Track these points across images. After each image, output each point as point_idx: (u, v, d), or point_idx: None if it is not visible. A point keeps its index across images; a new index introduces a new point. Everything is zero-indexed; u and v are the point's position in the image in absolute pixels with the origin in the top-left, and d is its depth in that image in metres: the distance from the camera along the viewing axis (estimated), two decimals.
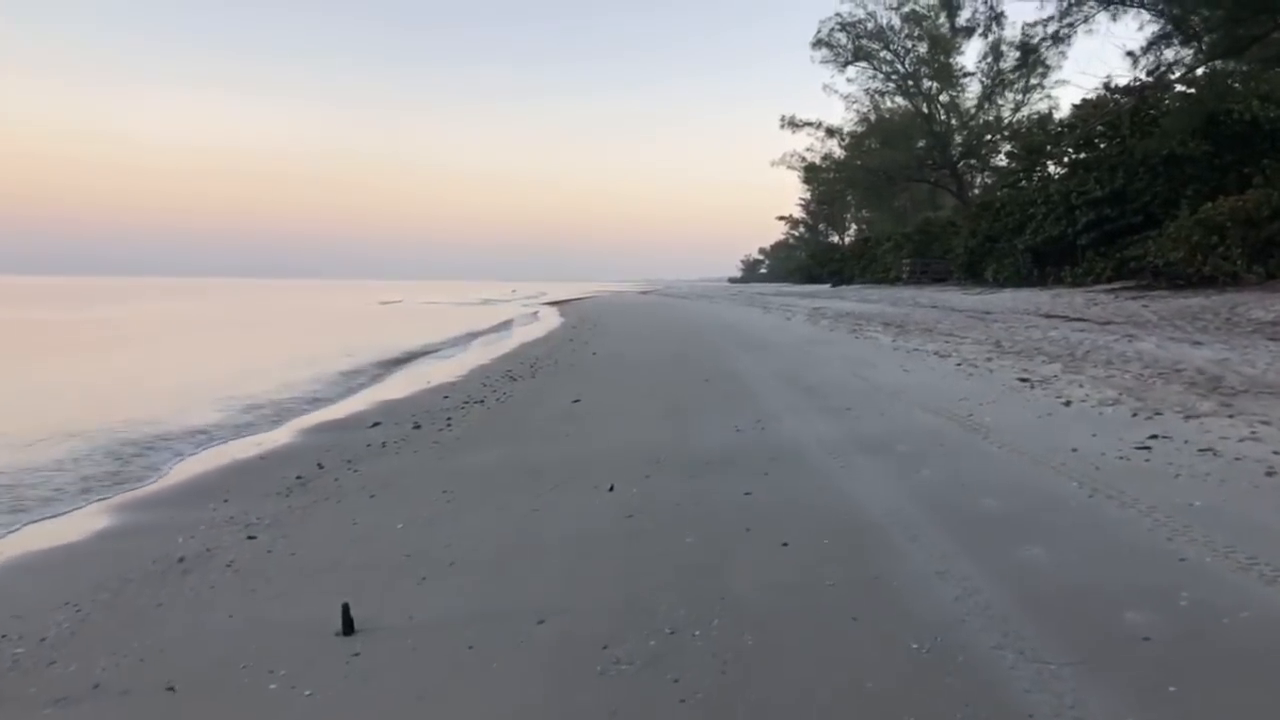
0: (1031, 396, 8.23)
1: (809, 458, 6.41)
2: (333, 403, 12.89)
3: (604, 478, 6.14)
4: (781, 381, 10.94)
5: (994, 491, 5.05)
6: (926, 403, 8.34)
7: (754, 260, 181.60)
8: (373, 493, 6.39)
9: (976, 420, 7.22)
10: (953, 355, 11.92)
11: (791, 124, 52.22)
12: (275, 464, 7.99)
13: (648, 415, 9.02)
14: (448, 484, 6.45)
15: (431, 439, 8.62)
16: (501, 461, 7.11)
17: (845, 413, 8.15)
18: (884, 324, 19.24)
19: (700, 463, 6.48)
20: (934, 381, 9.76)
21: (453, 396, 12.22)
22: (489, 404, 10.99)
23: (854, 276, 60.93)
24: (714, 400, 9.75)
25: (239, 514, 6.00)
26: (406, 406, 11.58)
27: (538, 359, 17.44)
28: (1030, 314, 19.96)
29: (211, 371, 17.80)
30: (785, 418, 8.17)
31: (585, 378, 13.35)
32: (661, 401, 9.98)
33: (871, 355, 13.17)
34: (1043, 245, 30.80)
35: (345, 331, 33.82)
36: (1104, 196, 27.62)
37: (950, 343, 13.76)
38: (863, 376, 10.62)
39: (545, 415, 9.55)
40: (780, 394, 9.85)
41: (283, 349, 24.48)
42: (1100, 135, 29.18)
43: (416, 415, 10.57)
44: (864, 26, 49.70)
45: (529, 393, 11.89)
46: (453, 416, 10.05)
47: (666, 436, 7.68)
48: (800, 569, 4.02)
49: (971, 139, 50.42)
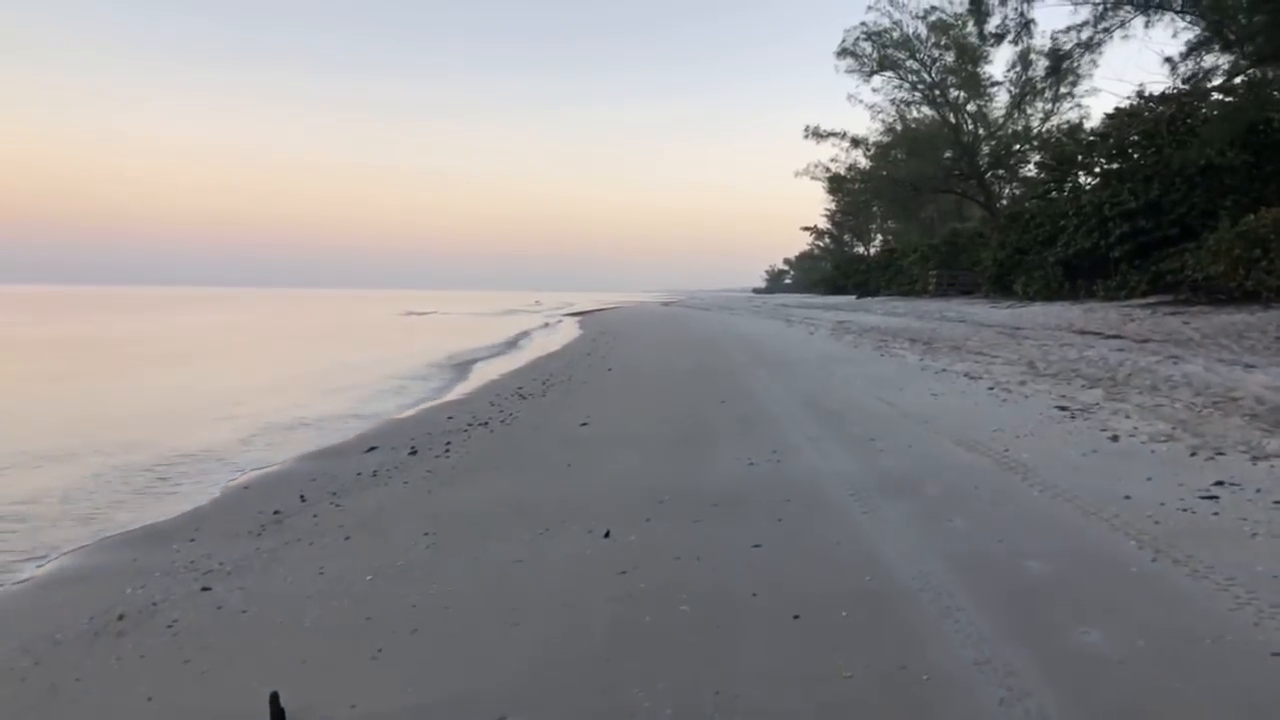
0: (1073, 429, 7.54)
1: (828, 499, 5.79)
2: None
3: (601, 520, 5.57)
4: (801, 404, 10.32)
5: (1038, 550, 4.41)
6: (957, 433, 7.69)
7: (778, 271, 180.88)
8: (349, 533, 5.84)
9: (1013, 456, 6.56)
10: (984, 377, 11.23)
11: (816, 134, 51.49)
12: (257, 496, 7.47)
13: (657, 442, 8.44)
14: (431, 524, 5.89)
15: (425, 467, 8.08)
16: (493, 497, 6.55)
17: (868, 444, 7.52)
18: (910, 340, 18.53)
19: (708, 503, 5.89)
20: (965, 408, 9.10)
21: (457, 417, 11.70)
22: (493, 426, 10.45)
23: (879, 288, 60.10)
24: (729, 425, 9.16)
25: (201, 558, 5.47)
26: (409, 427, 11.07)
27: (552, 374, 16.91)
28: (1063, 330, 19.18)
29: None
30: (803, 449, 7.55)
31: (597, 396, 12.79)
32: (673, 426, 9.40)
33: (897, 376, 12.50)
34: (1074, 258, 29.92)
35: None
36: (1139, 208, 26.74)
37: (981, 362, 13.05)
38: (888, 400, 9.97)
39: (549, 440, 9.00)
40: (799, 419, 9.23)
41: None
42: (1135, 145, 28.30)
43: (416, 438, 10.05)
44: (890, 36, 48.96)
45: (536, 413, 11.34)
46: (453, 441, 9.52)
47: (675, 469, 7.10)
48: (812, 652, 3.41)
49: (1000, 149, 49.43)
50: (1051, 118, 46.79)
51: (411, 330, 43.84)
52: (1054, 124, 46.46)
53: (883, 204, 60.37)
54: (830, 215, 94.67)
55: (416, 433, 10.45)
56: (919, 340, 18.25)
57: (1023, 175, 51.50)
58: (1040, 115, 47.35)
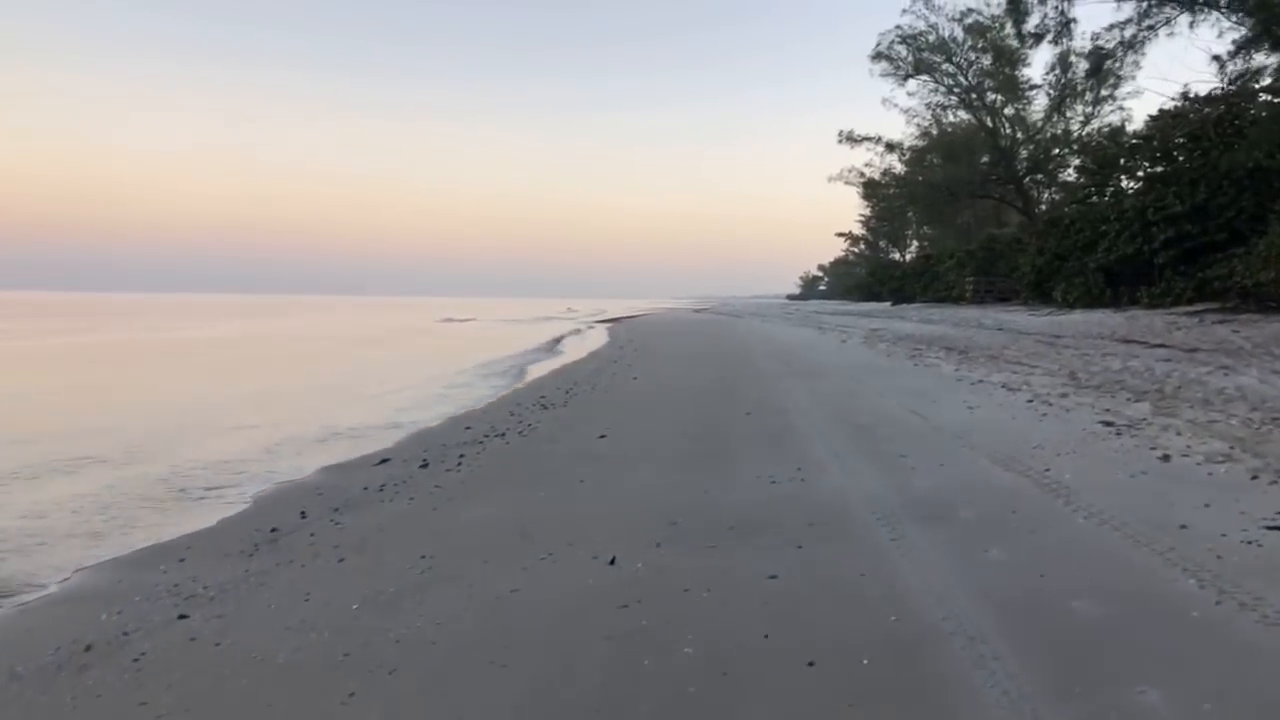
0: (1119, 446, 7.04)
1: (853, 524, 5.38)
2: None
3: (608, 544, 5.21)
4: (829, 417, 9.88)
5: (1085, 587, 3.98)
6: (994, 450, 7.22)
7: (813, 277, 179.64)
8: (343, 555, 5.53)
9: (1055, 477, 6.09)
10: (1022, 389, 10.71)
11: (850, 139, 50.92)
12: (256, 514, 7.19)
13: (676, 457, 8.06)
14: (430, 545, 5.57)
15: (434, 482, 7.76)
16: (499, 516, 6.21)
17: (899, 461, 7.08)
18: (946, 349, 17.97)
19: (724, 526, 5.50)
20: (1002, 422, 8.61)
21: (475, 427, 11.40)
22: (509, 438, 10.13)
23: (915, 295, 59.22)
24: (753, 439, 8.75)
25: (186, 581, 5.18)
26: (428, 438, 10.78)
27: (576, 383, 16.60)
28: (1105, 339, 18.53)
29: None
30: (830, 466, 7.14)
31: (619, 407, 12.44)
32: (694, 439, 9.02)
33: (932, 387, 12.01)
34: (1116, 264, 29.09)
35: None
36: (1184, 212, 25.90)
37: (1019, 373, 12.52)
38: (921, 414, 9.50)
39: (565, 454, 8.65)
40: (827, 433, 8.81)
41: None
42: (1180, 147, 27.45)
43: (429, 450, 9.77)
44: (925, 39, 48.31)
45: (555, 424, 11.00)
46: (466, 454, 9.21)
47: (692, 487, 6.71)
48: (827, 708, 3.02)
49: (1038, 153, 48.53)
50: (1092, 121, 45.91)
51: (452, 337, 43.80)
52: (1094, 127, 45.54)
53: (918, 209, 59.47)
54: (865, 221, 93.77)
55: (431, 444, 10.16)
56: (954, 349, 17.69)
57: (1062, 180, 50.56)
58: (1080, 118, 46.48)
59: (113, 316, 70.85)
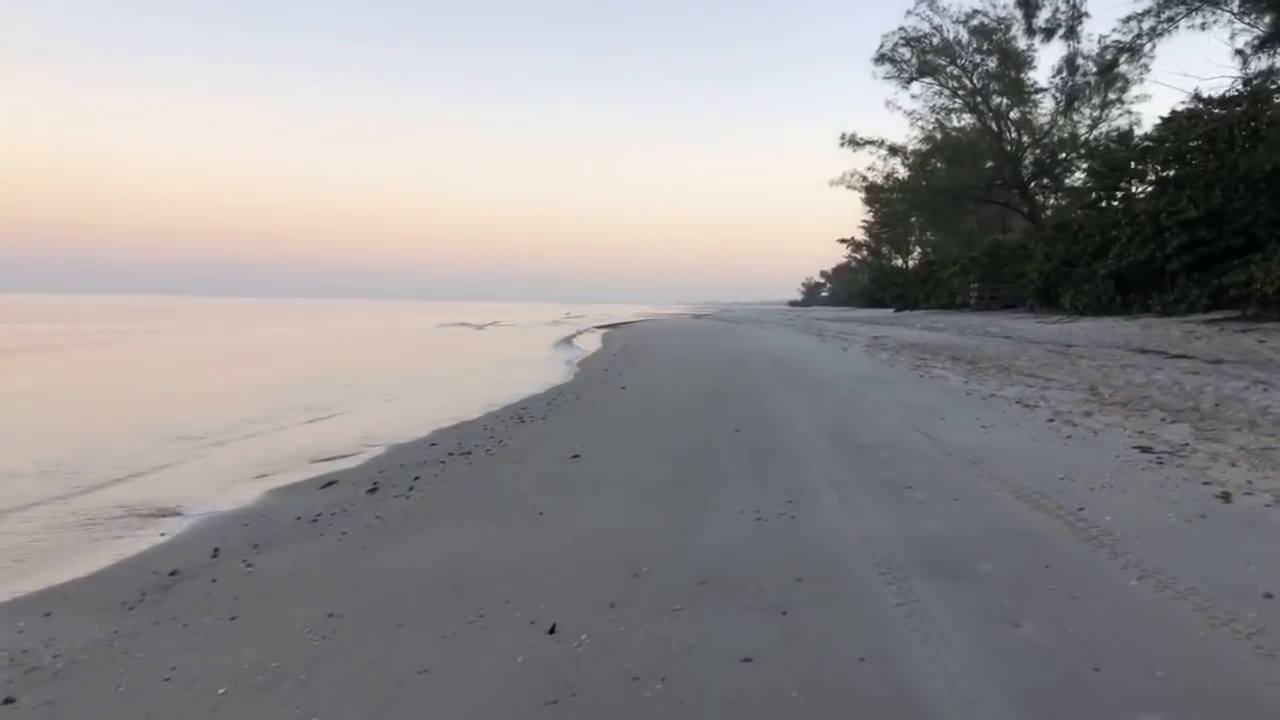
0: (1165, 480, 6.04)
1: (851, 579, 4.43)
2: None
3: (553, 602, 4.29)
4: (827, 436, 8.94)
5: (1154, 689, 3.02)
6: (1015, 481, 6.26)
7: (815, 283, 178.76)
8: (238, 611, 4.60)
9: (1093, 520, 5.12)
10: (1040, 405, 9.74)
11: (852, 142, 49.86)
12: (166, 551, 6.25)
13: (654, 482, 7.12)
14: (344, 599, 4.64)
15: (376, 512, 6.83)
16: (435, 560, 5.27)
17: (905, 494, 6.13)
18: (952, 359, 17.01)
19: (695, 579, 4.56)
20: (1021, 446, 7.65)
21: (442, 443, 10.49)
22: (475, 457, 9.21)
23: (918, 301, 58.33)
24: (741, 462, 7.81)
25: (38, 646, 4.25)
26: (387, 458, 9.86)
27: (560, 393, 15.69)
28: (1120, 348, 17.57)
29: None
30: (825, 497, 6.19)
31: (602, 421, 11.51)
32: (677, 461, 8.09)
33: (939, 401, 11.05)
34: (1126, 270, 28.16)
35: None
36: (1199, 217, 24.97)
37: (1035, 386, 11.55)
38: (929, 433, 8.55)
39: (530, 478, 7.71)
40: (823, 456, 7.86)
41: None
42: (1194, 150, 26.51)
43: (385, 470, 8.85)
44: (929, 41, 47.37)
45: (528, 441, 10.07)
46: (422, 475, 8.28)
47: (665, 523, 5.77)
48: None
49: (1044, 157, 47.54)
50: (1100, 125, 44.89)
51: (446, 345, 42.89)
52: (1102, 131, 44.57)
53: (922, 215, 58.47)
54: (867, 227, 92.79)
55: (390, 464, 9.24)
56: (961, 359, 16.72)
57: (1068, 185, 49.58)
58: (1088, 122, 45.45)
59: (140, 320, 69.78)
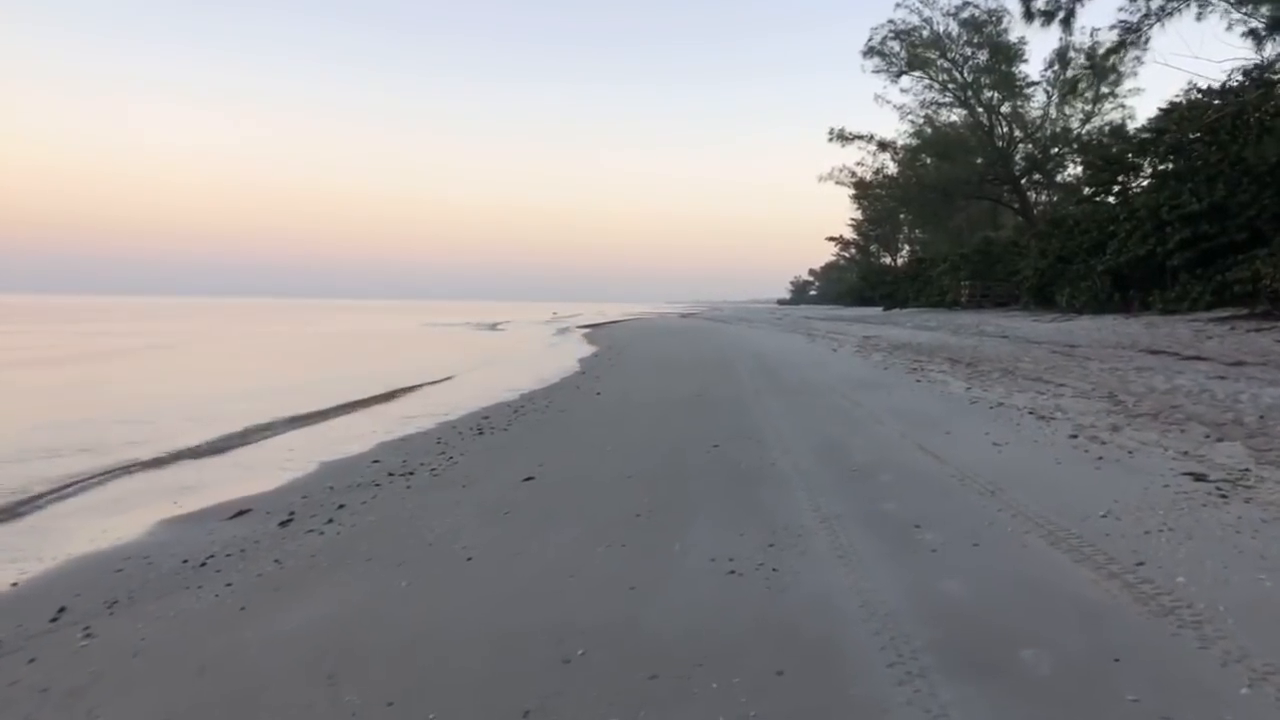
0: (1237, 520, 4.81)
1: (848, 673, 3.29)
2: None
3: (451, 705, 3.15)
4: (817, 453, 7.82)
5: None
6: (1045, 519, 5.14)
7: (804, 282, 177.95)
8: (32, 714, 3.45)
9: (1160, 582, 3.92)
10: (1057, 416, 8.62)
11: (841, 137, 48.89)
12: (6, 607, 5.08)
13: (612, 516, 5.99)
14: (181, 696, 3.50)
15: (277, 554, 5.70)
16: (318, 632, 4.12)
17: (913, 535, 5.00)
18: (950, 360, 15.91)
19: (643, 672, 3.42)
20: (1044, 469, 6.52)
21: (386, 460, 9.36)
22: (417, 479, 8.08)
23: (908, 299, 57.40)
24: (717, 489, 6.68)
25: None
26: (314, 481, 8.70)
27: (530, 399, 14.55)
28: (1126, 348, 16.52)
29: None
30: (815, 539, 5.06)
31: (568, 433, 10.37)
32: (645, 482, 6.97)
33: (941, 411, 9.94)
34: (1125, 266, 27.14)
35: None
36: (1201, 210, 23.97)
37: (1046, 393, 10.45)
38: (934, 452, 7.42)
39: (470, 508, 6.57)
40: (813, 480, 6.73)
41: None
42: (1196, 141, 25.51)
43: (310, 495, 7.71)
44: (919, 34, 46.40)
45: (481, 459, 8.94)
46: (348, 503, 7.14)
47: (617, 577, 4.64)
48: None
49: (1036, 152, 46.64)
50: (1092, 119, 44.03)
51: (431, 345, 41.64)
52: (1095, 125, 43.71)
53: (912, 210, 57.48)
54: (856, 225, 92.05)
55: (317, 488, 8.09)
56: (960, 361, 15.63)
57: (1060, 181, 48.72)
58: (1080, 116, 44.57)
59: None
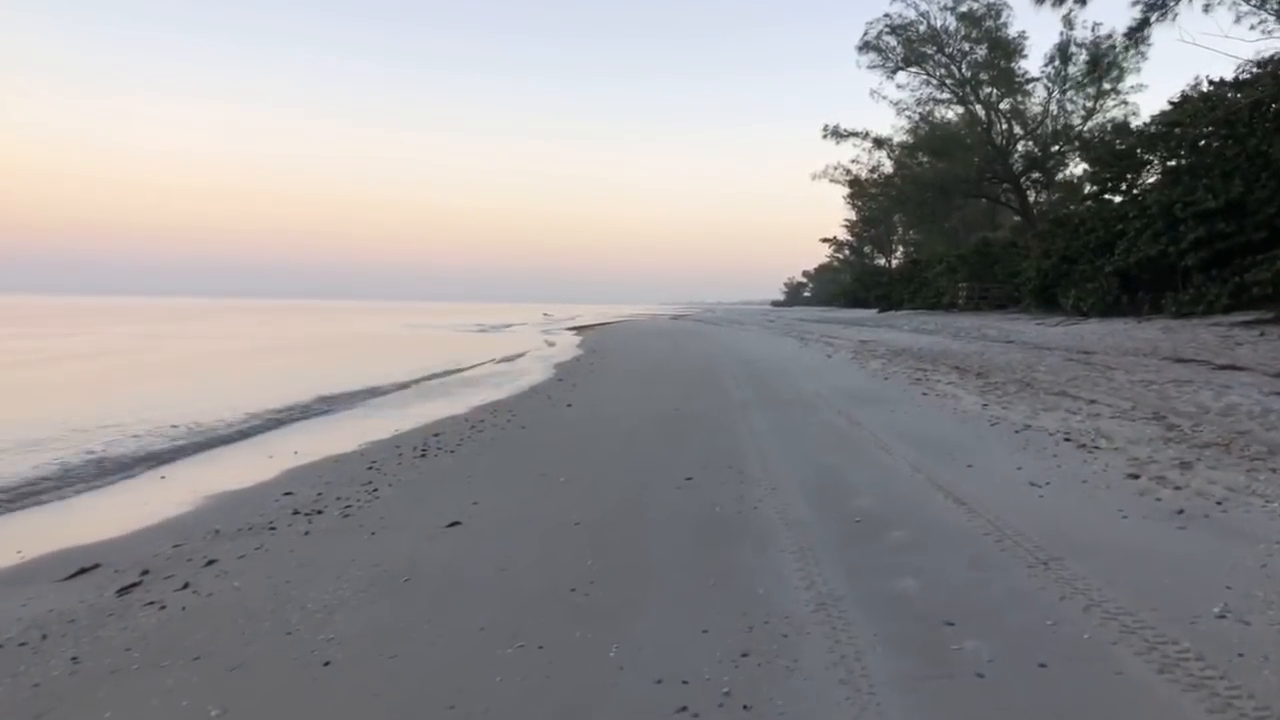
0: None
1: None
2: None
3: None
4: (809, 493, 6.34)
5: None
6: (1136, 619, 3.65)
7: (797, 283, 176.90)
8: None
9: None
10: (1101, 445, 7.14)
11: (835, 134, 47.50)
12: None
13: (536, 592, 4.51)
14: None
15: (77, 649, 4.20)
16: None
17: (946, 644, 3.51)
18: (956, 369, 14.45)
19: None
20: (1109, 527, 5.01)
21: (299, 493, 7.87)
22: (322, 521, 6.60)
23: (903, 301, 56.10)
24: (680, 548, 5.21)
25: None
26: (208, 515, 7.21)
27: (494, 410, 13.09)
28: (1147, 355, 15.10)
29: None
30: (807, 644, 3.58)
31: (519, 459, 8.89)
32: (596, 532, 5.52)
33: (956, 434, 8.48)
34: (1134, 267, 25.76)
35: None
36: (1218, 208, 22.60)
37: (1078, 413, 8.98)
38: (956, 495, 5.94)
39: (363, 570, 5.09)
40: (805, 534, 5.26)
41: None
42: (1211, 135, 24.13)
43: (184, 543, 6.21)
44: (916, 29, 45.05)
45: (410, 491, 7.47)
46: (221, 558, 5.67)
47: (512, 713, 3.15)
48: None
49: (1036, 150, 45.31)
50: (1094, 116, 42.74)
51: (413, 343, 40.07)
52: (1097, 122, 42.43)
53: (908, 210, 56.05)
54: (850, 226, 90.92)
55: (195, 533, 6.58)
56: (968, 370, 14.17)
57: (1060, 179, 47.43)
58: (1082, 113, 43.27)
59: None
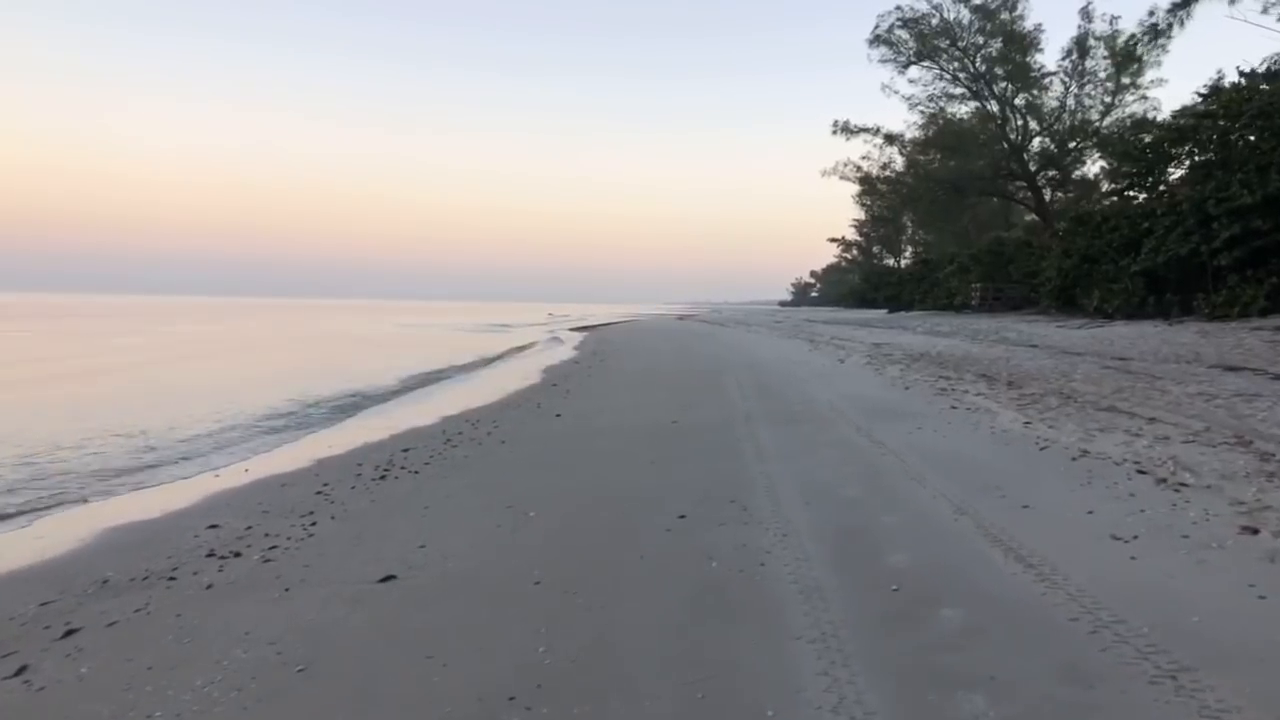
0: None
1: None
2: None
3: None
4: (829, 541, 5.11)
5: None
6: None
7: (805, 283, 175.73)
8: None
9: None
10: (1188, 481, 5.86)
11: (846, 130, 46.20)
12: None
13: (462, 699, 3.30)
14: None
15: None
16: None
17: None
18: (985, 377, 13.17)
19: None
20: (1241, 609, 3.74)
21: (225, 525, 6.67)
22: (232, 569, 5.41)
23: (913, 302, 54.80)
24: (665, 630, 3.98)
25: None
26: (105, 557, 6.02)
27: (475, 420, 11.93)
28: (1190, 362, 13.79)
29: None
30: None
31: (487, 484, 7.68)
32: (543, 616, 4.27)
33: (1000, 461, 7.23)
34: (1162, 267, 24.42)
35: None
36: (1254, 204, 21.27)
37: (1141, 434, 7.70)
38: (1019, 552, 4.68)
39: (242, 659, 3.88)
40: (828, 610, 4.03)
41: None
42: (1247, 128, 22.79)
43: (67, 589, 5.03)
44: (928, 22, 43.72)
45: (346, 531, 6.26)
46: (84, 626, 4.47)
47: None
48: None
49: (1052, 147, 43.95)
50: (1114, 110, 41.38)
51: (414, 342, 38.93)
52: (1116, 117, 41.07)
53: (920, 208, 54.67)
54: (859, 226, 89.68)
55: (85, 576, 5.38)
56: (997, 379, 12.89)
57: (1076, 176, 46.11)
58: (1100, 108, 41.91)
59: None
